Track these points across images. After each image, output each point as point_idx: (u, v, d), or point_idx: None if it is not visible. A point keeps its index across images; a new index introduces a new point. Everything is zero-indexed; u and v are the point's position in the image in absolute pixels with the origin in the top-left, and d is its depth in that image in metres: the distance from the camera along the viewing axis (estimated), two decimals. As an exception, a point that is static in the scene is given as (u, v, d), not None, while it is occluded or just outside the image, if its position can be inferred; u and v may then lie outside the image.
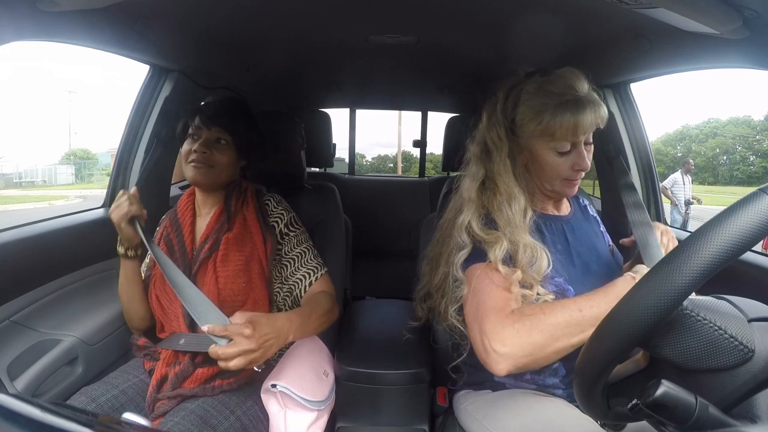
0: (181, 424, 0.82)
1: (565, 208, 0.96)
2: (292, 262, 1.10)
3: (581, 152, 0.83)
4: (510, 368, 0.68)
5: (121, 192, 1.01)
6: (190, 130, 1.07)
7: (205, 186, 1.08)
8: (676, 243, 0.81)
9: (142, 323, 1.09)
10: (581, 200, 1.02)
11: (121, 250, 1.03)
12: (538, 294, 0.78)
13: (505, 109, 0.87)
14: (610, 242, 1.01)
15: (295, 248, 1.11)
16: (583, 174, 0.86)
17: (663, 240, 0.86)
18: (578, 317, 0.68)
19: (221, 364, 0.79)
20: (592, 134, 0.85)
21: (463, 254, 0.83)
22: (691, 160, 6.89)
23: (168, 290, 1.02)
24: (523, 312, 0.71)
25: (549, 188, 0.88)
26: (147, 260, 1.11)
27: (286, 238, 1.11)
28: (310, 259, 1.11)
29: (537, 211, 0.88)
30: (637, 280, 0.50)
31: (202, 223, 1.09)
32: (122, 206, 0.98)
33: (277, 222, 1.12)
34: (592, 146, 0.86)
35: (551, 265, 0.80)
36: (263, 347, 0.82)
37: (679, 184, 6.25)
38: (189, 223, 1.09)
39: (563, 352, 0.68)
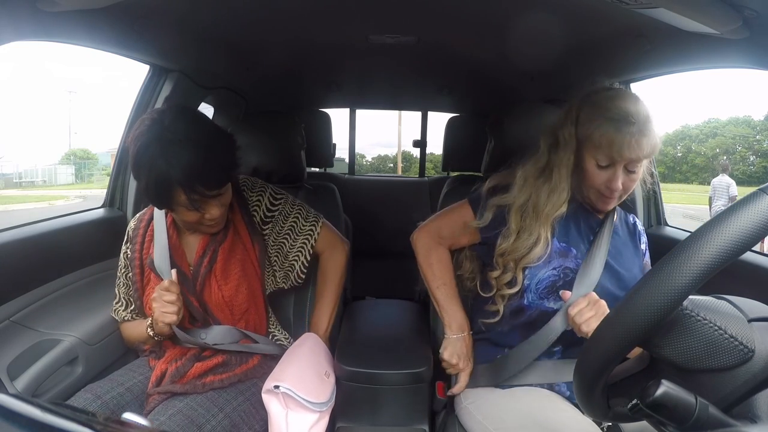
0: (167, 424, 0.82)
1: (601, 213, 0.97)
2: (290, 236, 1.10)
3: (617, 172, 0.85)
4: (412, 242, 1.07)
5: (167, 284, 0.94)
6: (184, 201, 0.89)
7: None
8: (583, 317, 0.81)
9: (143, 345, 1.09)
10: (631, 217, 1.03)
11: (150, 332, 0.99)
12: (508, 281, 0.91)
13: (578, 111, 0.90)
14: (648, 259, 1.01)
15: (285, 222, 1.10)
16: (619, 196, 0.88)
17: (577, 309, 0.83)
18: (433, 288, 1.02)
19: None
20: (641, 165, 0.86)
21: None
22: (724, 159, 7.12)
23: None
24: (435, 251, 1.03)
25: (585, 195, 0.92)
26: (126, 280, 1.06)
27: (270, 220, 1.09)
28: (302, 221, 1.11)
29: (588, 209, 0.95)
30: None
31: (190, 238, 1.05)
32: (174, 312, 0.93)
33: (256, 210, 1.08)
34: (638, 175, 0.87)
35: (542, 260, 0.89)
36: None
37: (723, 187, 6.32)
38: (176, 243, 1.03)
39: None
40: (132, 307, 1.07)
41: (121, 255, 1.09)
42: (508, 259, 0.92)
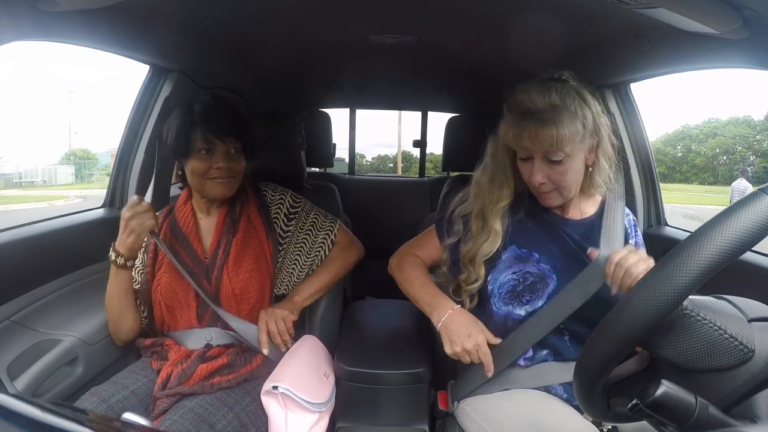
0: (180, 423, 0.83)
1: (576, 214, 0.95)
2: (310, 234, 1.14)
3: (534, 165, 0.85)
4: (390, 269, 1.07)
5: (136, 199, 0.99)
6: (199, 145, 1.00)
7: (227, 197, 1.07)
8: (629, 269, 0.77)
9: (130, 334, 1.08)
10: (630, 218, 0.97)
11: (120, 261, 0.99)
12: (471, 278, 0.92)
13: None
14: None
15: (306, 220, 1.15)
16: (549, 188, 0.86)
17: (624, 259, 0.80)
18: (407, 287, 1.01)
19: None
20: (562, 152, 0.82)
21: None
22: (748, 168, 7.67)
23: (179, 290, 1.03)
24: (407, 261, 1.04)
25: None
26: (142, 261, 1.09)
27: (294, 217, 1.14)
28: (322, 221, 1.17)
29: (543, 207, 0.92)
30: None
31: (206, 226, 1.09)
32: (146, 219, 0.98)
33: (279, 208, 1.14)
34: (564, 165, 0.84)
35: (492, 253, 0.91)
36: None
37: (740, 190, 6.59)
38: (193, 230, 1.08)
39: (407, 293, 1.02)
40: (141, 306, 1.08)
41: None
42: (467, 259, 0.93)
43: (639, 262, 0.75)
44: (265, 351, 1.02)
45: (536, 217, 0.94)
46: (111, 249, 1.00)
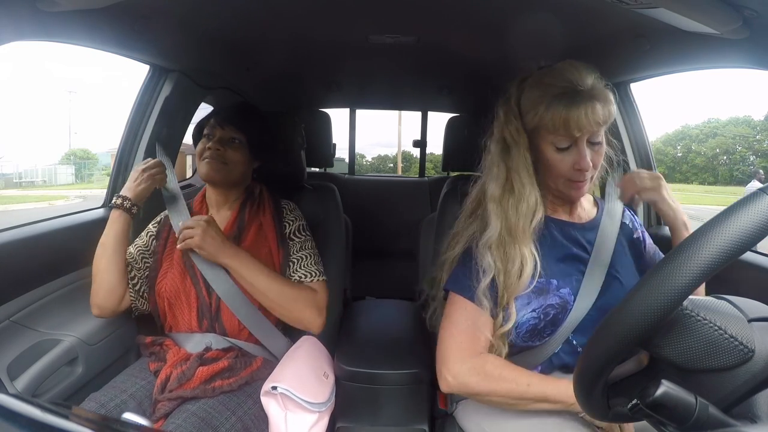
0: (183, 426, 0.82)
1: (584, 215, 0.91)
2: (292, 264, 1.10)
3: (581, 150, 0.78)
4: (452, 392, 0.83)
5: (154, 161, 1.09)
6: (205, 131, 1.11)
7: (218, 182, 1.10)
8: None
9: (108, 298, 1.03)
10: (627, 211, 0.94)
11: (126, 204, 1.03)
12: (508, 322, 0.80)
13: (517, 102, 0.85)
14: (650, 247, 0.95)
15: (297, 252, 1.11)
16: (589, 175, 0.81)
17: None
18: (523, 391, 0.77)
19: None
20: (602, 133, 0.80)
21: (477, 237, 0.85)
22: (761, 171, 8.00)
23: (181, 288, 1.03)
24: (484, 364, 0.79)
25: (554, 188, 0.85)
26: (145, 244, 1.11)
27: (291, 242, 1.12)
28: (311, 264, 1.11)
29: (548, 216, 0.86)
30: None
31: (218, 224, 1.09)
32: (157, 172, 1.07)
33: (292, 221, 1.14)
34: (602, 146, 0.81)
35: (530, 287, 0.79)
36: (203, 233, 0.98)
37: None
38: None
39: (501, 405, 0.80)
40: (138, 286, 1.08)
41: (144, 232, 1.14)
42: (502, 298, 0.80)
43: (646, 179, 0.82)
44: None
45: (546, 232, 0.85)
46: (114, 196, 1.06)
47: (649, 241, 0.96)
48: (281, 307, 1.02)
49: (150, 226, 1.15)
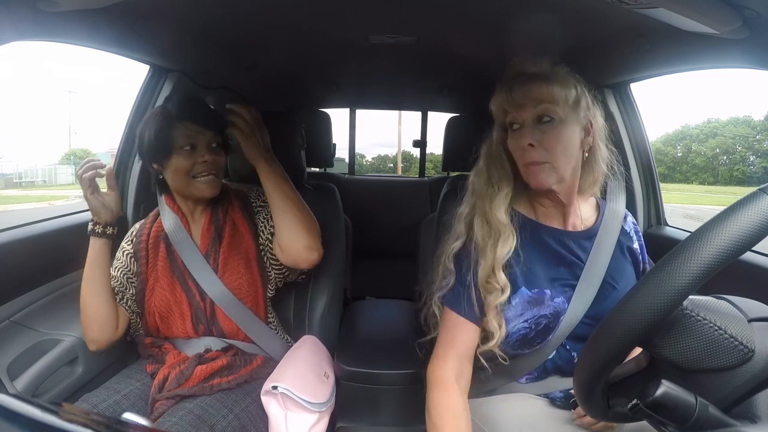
0: (179, 424, 0.82)
1: (579, 223, 0.89)
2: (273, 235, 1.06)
3: (524, 129, 0.80)
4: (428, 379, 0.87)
5: (83, 161, 0.96)
6: (181, 141, 0.97)
7: (214, 196, 1.03)
8: None
9: (103, 330, 1.00)
10: (629, 218, 0.93)
11: (91, 227, 0.97)
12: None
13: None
14: (646, 260, 0.93)
15: (271, 220, 1.07)
16: (542, 159, 0.79)
17: None
18: None
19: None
20: (554, 113, 0.79)
21: (454, 246, 0.88)
22: None
23: (172, 299, 1.02)
24: (447, 396, 0.83)
25: (525, 181, 0.84)
26: (125, 265, 1.06)
27: (264, 220, 1.08)
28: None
29: (540, 224, 0.87)
30: None
31: (195, 231, 1.07)
32: (88, 168, 0.94)
33: (261, 210, 1.10)
34: (556, 128, 0.79)
35: (510, 254, 0.82)
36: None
37: None
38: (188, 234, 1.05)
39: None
40: (124, 299, 1.05)
41: (119, 252, 1.08)
42: (484, 287, 0.81)
43: None
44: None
45: (538, 240, 0.86)
46: (89, 222, 0.98)
47: (646, 257, 0.93)
48: (300, 222, 1.00)
49: (123, 243, 1.09)
